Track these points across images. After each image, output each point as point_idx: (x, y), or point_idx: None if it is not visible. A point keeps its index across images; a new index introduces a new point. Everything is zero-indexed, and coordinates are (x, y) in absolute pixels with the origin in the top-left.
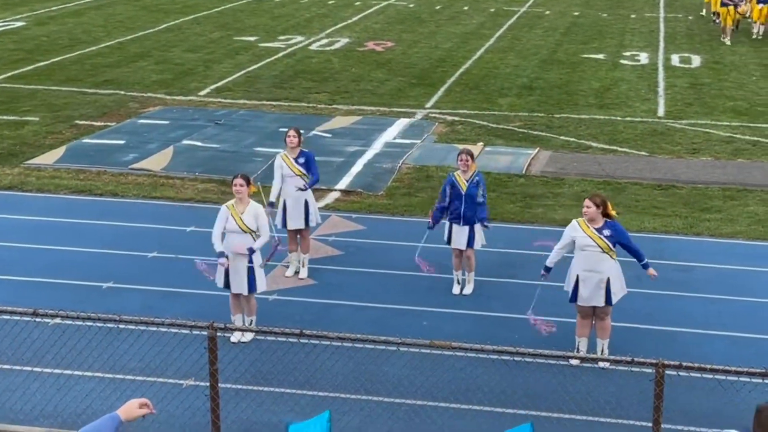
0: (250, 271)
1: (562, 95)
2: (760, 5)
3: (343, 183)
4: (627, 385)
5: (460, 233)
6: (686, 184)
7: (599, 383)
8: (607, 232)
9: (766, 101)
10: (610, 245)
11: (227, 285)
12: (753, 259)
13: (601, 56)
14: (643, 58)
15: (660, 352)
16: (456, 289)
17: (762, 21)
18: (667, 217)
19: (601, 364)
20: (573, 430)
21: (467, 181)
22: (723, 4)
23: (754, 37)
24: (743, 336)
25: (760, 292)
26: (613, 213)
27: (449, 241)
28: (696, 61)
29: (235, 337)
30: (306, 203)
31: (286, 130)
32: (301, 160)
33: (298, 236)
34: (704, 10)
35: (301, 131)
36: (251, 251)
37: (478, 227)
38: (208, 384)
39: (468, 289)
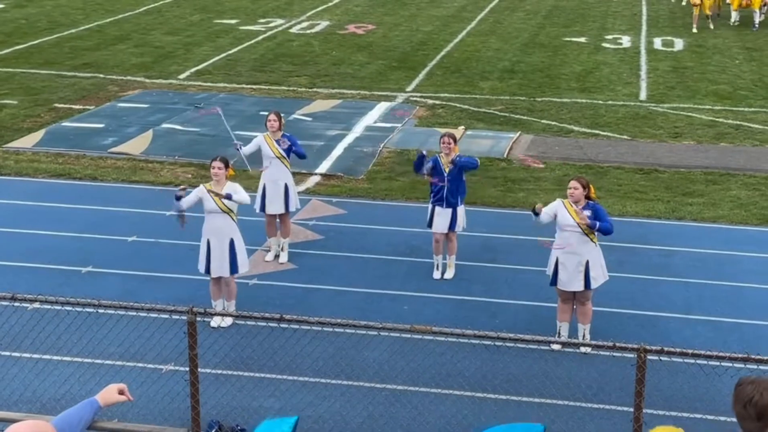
0: (232, 253)
1: (544, 79)
2: None
3: (324, 167)
4: (609, 370)
5: (443, 216)
6: (668, 168)
7: (581, 368)
8: (587, 212)
9: (748, 85)
10: (589, 225)
11: (208, 270)
12: (735, 244)
13: (583, 39)
14: (626, 41)
15: (642, 337)
16: (436, 274)
17: (736, 7)
18: (649, 202)
19: (583, 349)
20: (554, 415)
21: (450, 163)
22: None
23: (732, 23)
24: (725, 321)
25: (742, 277)
26: (594, 196)
27: (431, 224)
28: (678, 44)
29: (215, 321)
30: (285, 187)
31: (266, 113)
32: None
33: (278, 220)
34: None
35: (282, 115)
36: (229, 197)
37: (460, 210)
38: (187, 369)
39: (449, 274)
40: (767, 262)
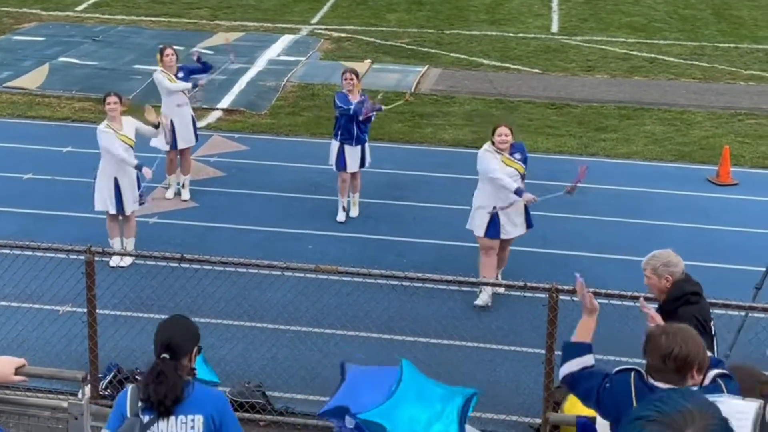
0: (138, 182)
1: (453, 10)
2: None
3: (226, 102)
4: (520, 310)
5: (354, 154)
6: (581, 102)
7: (491, 309)
8: (518, 156)
9: (663, 17)
10: (525, 167)
11: (121, 208)
12: (649, 180)
13: None
14: None
15: (554, 277)
16: (341, 216)
17: None
18: (561, 137)
19: (494, 290)
20: (464, 357)
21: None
22: None
23: None
24: (639, 259)
25: (656, 214)
26: None
27: (344, 166)
28: None
29: (114, 261)
30: (193, 118)
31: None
32: (181, 74)
33: (178, 156)
34: None
35: (178, 48)
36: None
37: (367, 146)
38: (85, 310)
39: (354, 212)
40: (682, 198)
